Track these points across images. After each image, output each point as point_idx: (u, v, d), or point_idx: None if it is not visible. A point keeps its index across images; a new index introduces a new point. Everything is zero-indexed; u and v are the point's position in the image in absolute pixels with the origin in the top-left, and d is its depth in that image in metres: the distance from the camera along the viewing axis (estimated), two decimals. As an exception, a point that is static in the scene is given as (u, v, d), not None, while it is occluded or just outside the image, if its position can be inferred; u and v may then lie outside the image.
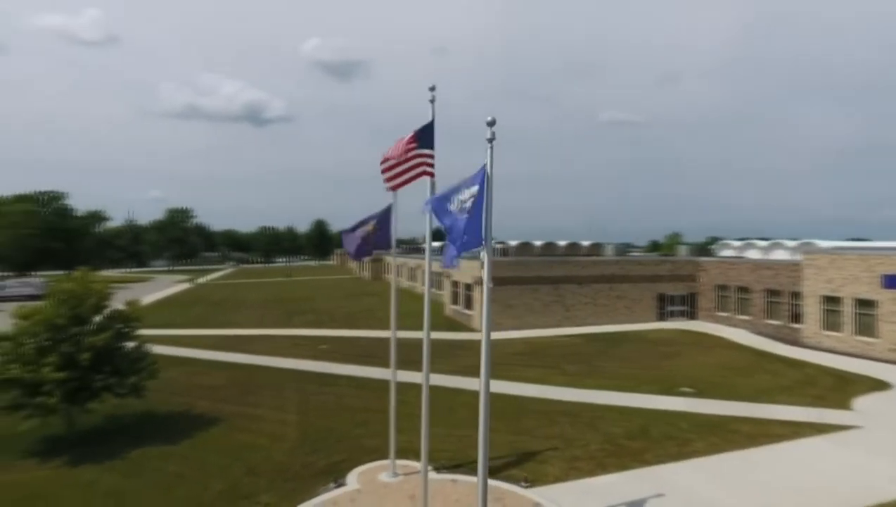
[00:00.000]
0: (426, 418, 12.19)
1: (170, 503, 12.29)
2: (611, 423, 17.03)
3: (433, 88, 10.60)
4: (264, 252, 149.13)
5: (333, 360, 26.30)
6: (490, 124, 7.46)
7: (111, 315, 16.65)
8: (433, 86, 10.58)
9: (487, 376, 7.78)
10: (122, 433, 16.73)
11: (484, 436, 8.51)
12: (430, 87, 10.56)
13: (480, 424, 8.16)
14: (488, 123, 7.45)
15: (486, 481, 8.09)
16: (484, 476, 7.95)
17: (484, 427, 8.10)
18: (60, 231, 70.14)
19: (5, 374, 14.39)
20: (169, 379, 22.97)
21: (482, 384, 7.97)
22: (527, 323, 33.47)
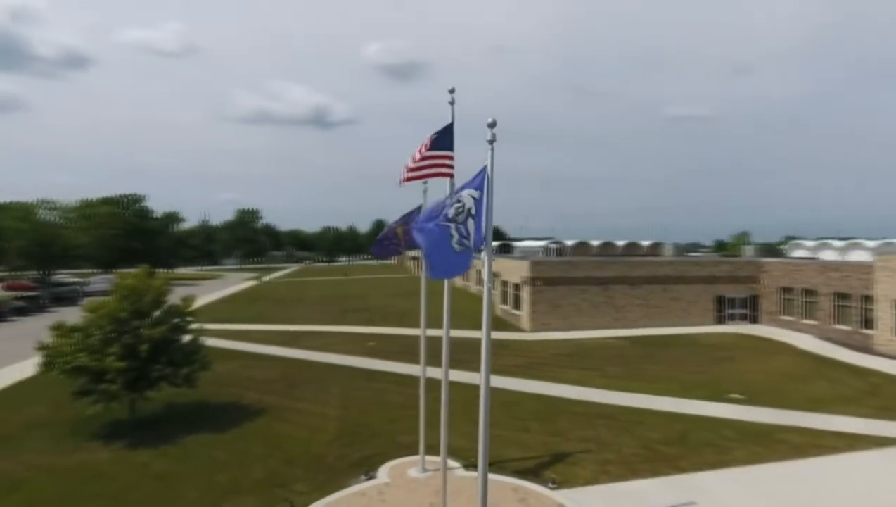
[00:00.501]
0: (445, 416, 12.40)
1: (211, 488, 13.10)
2: (649, 428, 16.61)
3: (453, 91, 10.77)
4: (327, 251, 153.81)
5: (379, 357, 26.95)
6: (491, 126, 7.57)
7: (168, 310, 17.87)
8: (452, 88, 10.76)
9: (488, 373, 7.88)
10: (177, 421, 17.90)
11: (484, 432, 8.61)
12: (449, 89, 10.75)
13: (481, 421, 8.27)
14: (489, 125, 7.56)
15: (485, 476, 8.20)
16: (484, 472, 8.07)
17: (484, 424, 8.20)
18: (140, 231, 75.30)
19: (74, 362, 15.77)
20: (224, 371, 24.34)
21: (482, 381, 8.09)
22: (575, 324, 32.96)
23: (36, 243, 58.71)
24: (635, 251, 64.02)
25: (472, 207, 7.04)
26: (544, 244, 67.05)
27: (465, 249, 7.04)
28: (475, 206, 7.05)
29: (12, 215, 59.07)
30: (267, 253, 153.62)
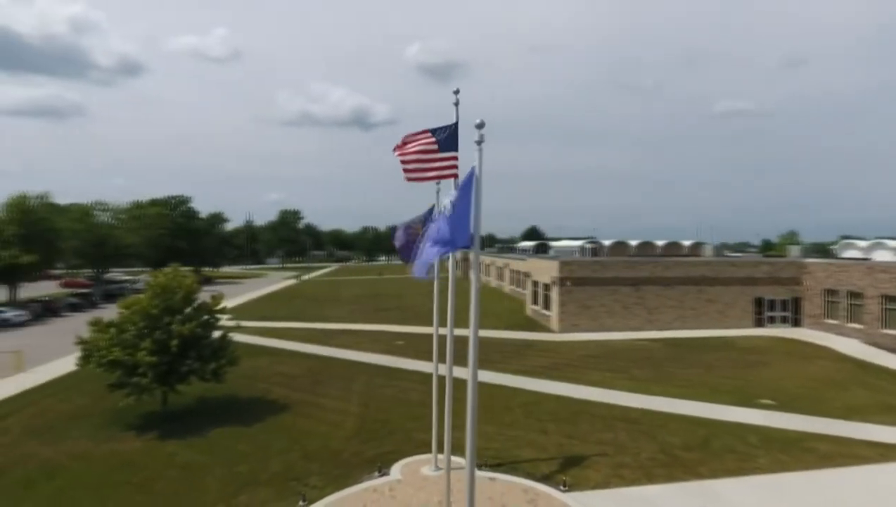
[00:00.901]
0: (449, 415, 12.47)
1: (231, 479, 13.60)
2: (670, 432, 16.26)
3: (457, 92, 10.84)
4: (366, 251, 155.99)
5: (405, 355, 27.24)
6: (479, 127, 7.63)
7: (198, 307, 18.60)
8: (457, 89, 10.83)
9: (475, 369, 7.95)
10: (206, 414, 18.61)
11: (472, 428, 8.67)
12: (454, 90, 10.82)
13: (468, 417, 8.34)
14: (477, 126, 7.62)
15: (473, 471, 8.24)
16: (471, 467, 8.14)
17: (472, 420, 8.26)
18: (186, 231, 78.20)
19: (109, 356, 16.63)
20: (256, 367, 25.16)
21: (470, 377, 8.17)
22: (605, 325, 32.43)
23: (90, 243, 61.85)
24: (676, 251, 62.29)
25: (447, 207, 7.15)
26: (580, 244, 66.04)
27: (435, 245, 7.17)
28: (450, 206, 7.14)
29: (69, 217, 62.35)
30: (308, 252, 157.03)
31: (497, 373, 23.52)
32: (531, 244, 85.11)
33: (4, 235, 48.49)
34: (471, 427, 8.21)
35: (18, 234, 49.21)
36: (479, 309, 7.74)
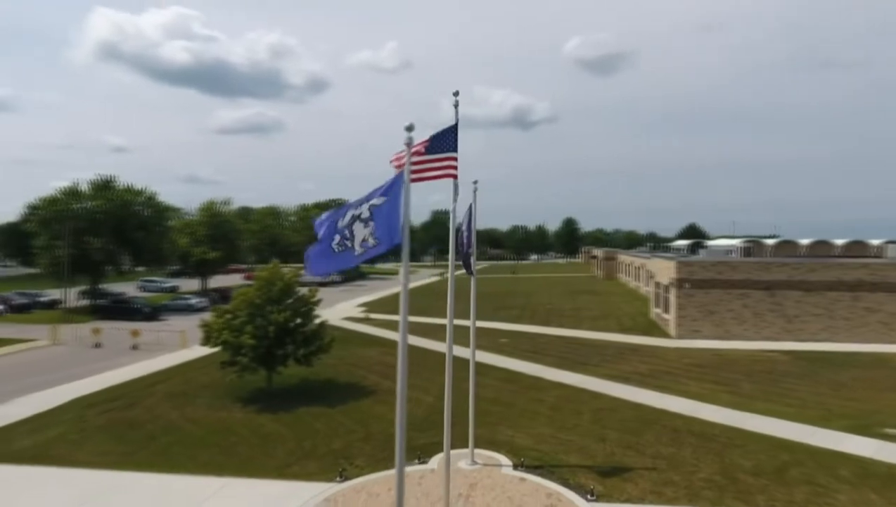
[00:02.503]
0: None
1: (294, 450, 15.35)
2: (746, 454, 14.55)
3: (457, 93, 11.11)
4: (515, 249, 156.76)
5: (501, 352, 27.51)
6: (408, 129, 7.96)
7: (295, 298, 21.01)
8: (457, 91, 11.10)
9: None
10: (303, 394, 20.90)
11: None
12: (454, 91, 11.11)
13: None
14: (406, 128, 7.96)
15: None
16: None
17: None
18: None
19: (220, 338, 19.64)
20: (363, 356, 27.43)
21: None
22: (731, 333, 29.21)
23: (264, 242, 71.60)
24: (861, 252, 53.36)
25: (365, 212, 7.56)
26: (737, 243, 59.53)
27: (344, 249, 7.60)
28: (373, 211, 7.55)
29: (247, 219, 72.86)
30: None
31: (585, 376, 22.79)
32: (685, 243, 78.77)
33: (197, 235, 58.29)
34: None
35: (207, 234, 58.81)
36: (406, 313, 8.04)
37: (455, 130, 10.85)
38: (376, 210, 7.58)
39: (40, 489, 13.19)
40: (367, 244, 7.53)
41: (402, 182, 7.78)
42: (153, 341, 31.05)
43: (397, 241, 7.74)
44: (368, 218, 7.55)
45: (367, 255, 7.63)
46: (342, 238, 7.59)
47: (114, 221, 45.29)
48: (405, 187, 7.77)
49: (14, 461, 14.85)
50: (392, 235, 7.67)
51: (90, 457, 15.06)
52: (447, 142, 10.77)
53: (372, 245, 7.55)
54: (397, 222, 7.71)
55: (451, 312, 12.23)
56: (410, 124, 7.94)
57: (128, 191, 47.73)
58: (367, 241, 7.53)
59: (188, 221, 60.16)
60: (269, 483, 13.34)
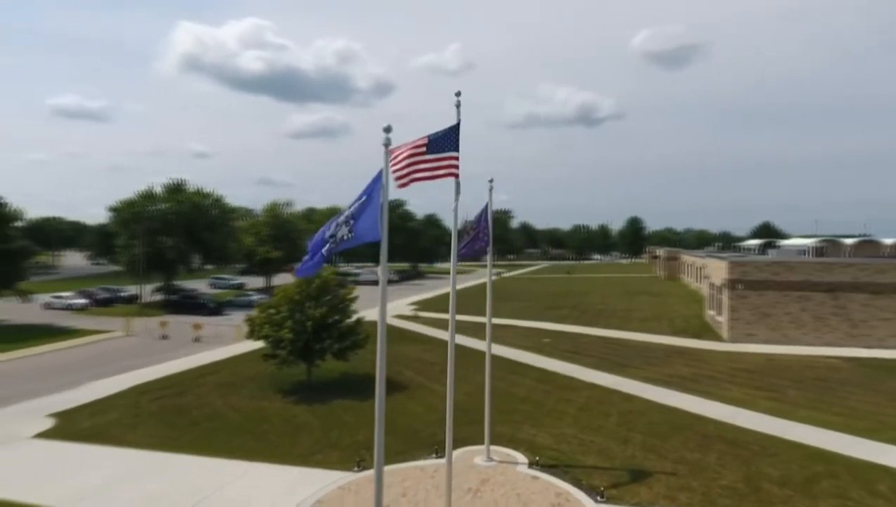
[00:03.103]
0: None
1: (320, 439, 16.04)
2: (776, 463, 13.86)
3: (458, 94, 11.29)
4: (577, 249, 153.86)
5: (541, 352, 27.33)
6: (386, 130, 8.25)
7: (332, 295, 21.82)
8: (458, 91, 11.28)
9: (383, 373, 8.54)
10: (339, 388, 21.69)
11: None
12: (455, 92, 11.30)
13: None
14: (384, 130, 8.24)
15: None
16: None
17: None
18: (403, 231, 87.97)
19: (262, 332, 20.74)
20: (404, 353, 27.99)
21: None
22: (789, 337, 27.54)
23: (324, 241, 74.14)
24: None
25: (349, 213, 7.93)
26: (811, 243, 55.78)
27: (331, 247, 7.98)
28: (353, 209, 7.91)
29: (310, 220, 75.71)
30: (523, 251, 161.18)
31: (622, 378, 22.31)
32: (755, 243, 74.69)
33: (261, 235, 61.29)
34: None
35: (271, 234, 61.70)
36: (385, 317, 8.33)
37: (457, 130, 11.00)
38: (355, 208, 7.95)
39: (93, 465, 14.50)
40: (342, 239, 7.92)
41: (381, 182, 8.11)
42: (213, 334, 33.03)
43: (375, 237, 8.07)
44: (351, 215, 7.94)
45: (339, 248, 8.00)
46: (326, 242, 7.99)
47: (184, 221, 48.41)
48: (384, 188, 8.10)
49: (74, 439, 16.38)
50: (369, 231, 8.00)
51: (139, 438, 16.37)
52: (448, 142, 10.93)
53: (348, 238, 7.92)
54: (374, 219, 8.04)
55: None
56: (388, 126, 8.24)
57: (197, 194, 50.88)
58: (344, 235, 7.91)
59: (253, 221, 63.28)
60: (290, 469, 14.04)
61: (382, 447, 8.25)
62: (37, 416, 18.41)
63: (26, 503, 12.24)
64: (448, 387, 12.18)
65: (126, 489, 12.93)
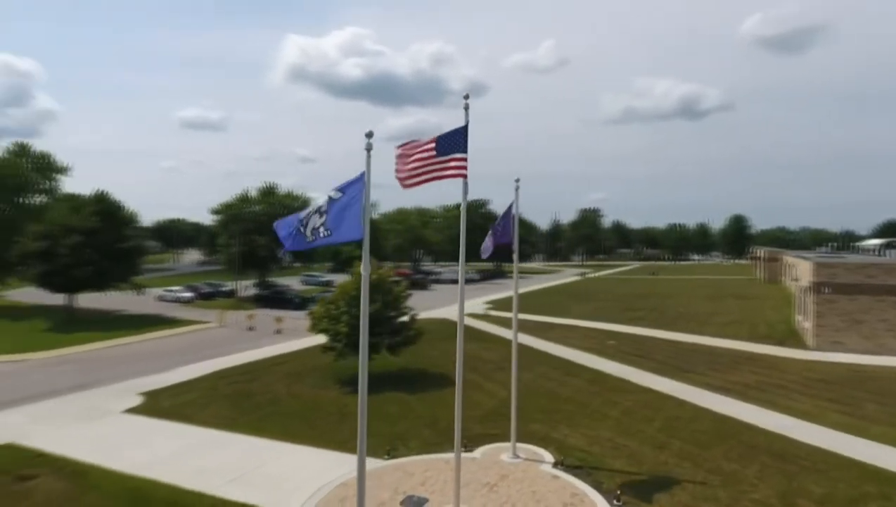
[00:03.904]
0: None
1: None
2: (822, 480, 12.85)
3: (467, 96, 11.59)
4: (673, 249, 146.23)
5: (600, 354, 26.74)
6: (368, 136, 8.77)
7: (387, 293, 22.82)
8: (467, 94, 11.57)
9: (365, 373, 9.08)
10: (394, 381, 22.55)
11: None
12: (464, 95, 11.59)
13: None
14: (366, 135, 8.77)
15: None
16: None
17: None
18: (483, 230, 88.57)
19: (320, 325, 22.16)
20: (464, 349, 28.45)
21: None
22: (886, 347, 24.78)
23: (408, 241, 76.49)
24: None
25: (324, 204, 8.54)
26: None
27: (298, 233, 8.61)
28: (329, 204, 8.52)
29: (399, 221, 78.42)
30: (614, 250, 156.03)
31: (679, 383, 21.41)
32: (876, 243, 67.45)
33: (346, 235, 64.50)
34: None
35: (355, 234, 64.72)
36: (367, 313, 8.87)
37: (465, 131, 11.31)
38: (332, 204, 8.58)
39: (165, 439, 16.40)
40: (318, 233, 8.55)
41: (363, 183, 8.70)
42: (293, 327, 35.44)
43: (356, 236, 8.67)
44: (325, 211, 8.58)
45: (317, 243, 8.64)
46: (300, 224, 8.68)
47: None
48: (366, 188, 8.69)
49: (155, 415, 18.53)
50: (349, 230, 8.61)
51: (208, 418, 18.20)
52: (457, 143, 11.28)
53: (323, 235, 8.55)
54: (356, 219, 8.64)
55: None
56: (370, 132, 8.81)
57: (287, 196, 54.55)
58: (319, 230, 8.55)
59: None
60: (328, 453, 15.06)
61: (364, 440, 8.83)
62: (129, 394, 20.96)
63: (103, 466, 14.17)
64: (457, 387, 12.56)
65: (184, 461, 14.55)
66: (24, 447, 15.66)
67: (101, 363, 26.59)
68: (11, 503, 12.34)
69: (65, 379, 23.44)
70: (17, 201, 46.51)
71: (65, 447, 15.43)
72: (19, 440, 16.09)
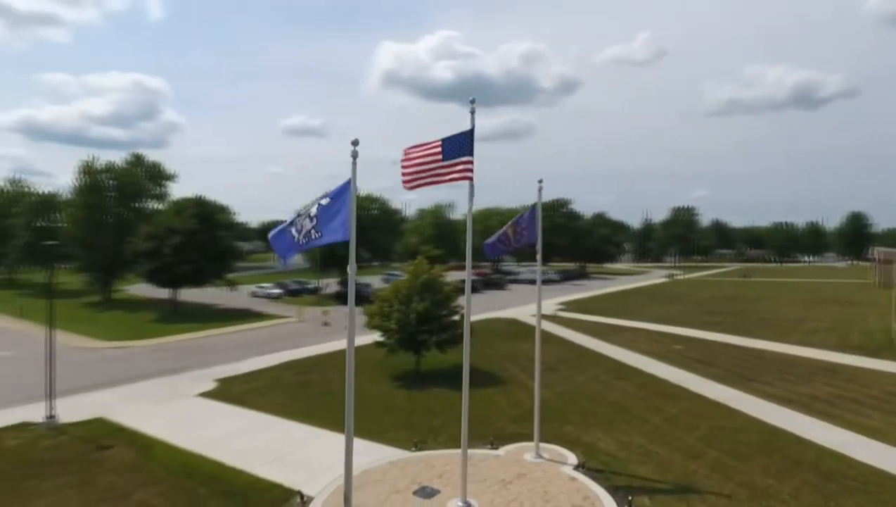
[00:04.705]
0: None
1: (402, 420, 17.70)
2: (865, 502, 11.84)
3: (473, 101, 11.86)
4: (778, 250, 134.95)
5: (662, 359, 25.80)
6: (354, 144, 9.35)
7: (435, 291, 23.48)
8: (473, 98, 11.85)
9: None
10: (445, 377, 23.08)
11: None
12: (470, 99, 11.86)
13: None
14: (352, 143, 9.34)
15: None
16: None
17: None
18: (566, 230, 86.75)
19: (373, 322, 23.26)
20: (518, 350, 28.63)
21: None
22: None
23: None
24: None
25: (314, 209, 9.24)
26: None
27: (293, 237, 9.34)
28: (319, 210, 9.21)
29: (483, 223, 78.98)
30: (712, 251, 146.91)
31: (738, 392, 20.28)
32: None
33: (424, 235, 66.12)
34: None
35: (433, 234, 66.23)
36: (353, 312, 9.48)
37: (471, 135, 11.62)
38: (321, 209, 9.31)
39: (225, 420, 18.09)
40: (310, 235, 9.31)
41: (349, 189, 9.36)
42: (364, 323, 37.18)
43: (344, 238, 9.34)
44: (315, 215, 9.33)
45: (310, 244, 9.39)
46: (294, 230, 9.48)
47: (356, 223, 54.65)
48: (352, 193, 9.34)
49: (223, 399, 20.41)
50: (336, 231, 9.29)
51: (265, 404, 19.79)
52: (463, 146, 11.62)
53: (315, 237, 9.29)
54: (344, 221, 9.31)
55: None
56: (355, 140, 9.42)
57: (367, 198, 56.93)
58: (311, 233, 9.30)
59: (418, 222, 68.49)
60: (360, 442, 15.58)
61: (352, 433, 9.45)
62: (207, 380, 23.18)
63: (167, 441, 15.98)
64: (464, 386, 12.91)
65: (234, 441, 16.03)
66: (109, 421, 17.97)
67: (192, 352, 29.49)
68: (88, 468, 14.30)
69: (159, 365, 26.32)
70: (133, 206, 52.29)
71: (141, 423, 17.53)
72: (108, 415, 18.46)
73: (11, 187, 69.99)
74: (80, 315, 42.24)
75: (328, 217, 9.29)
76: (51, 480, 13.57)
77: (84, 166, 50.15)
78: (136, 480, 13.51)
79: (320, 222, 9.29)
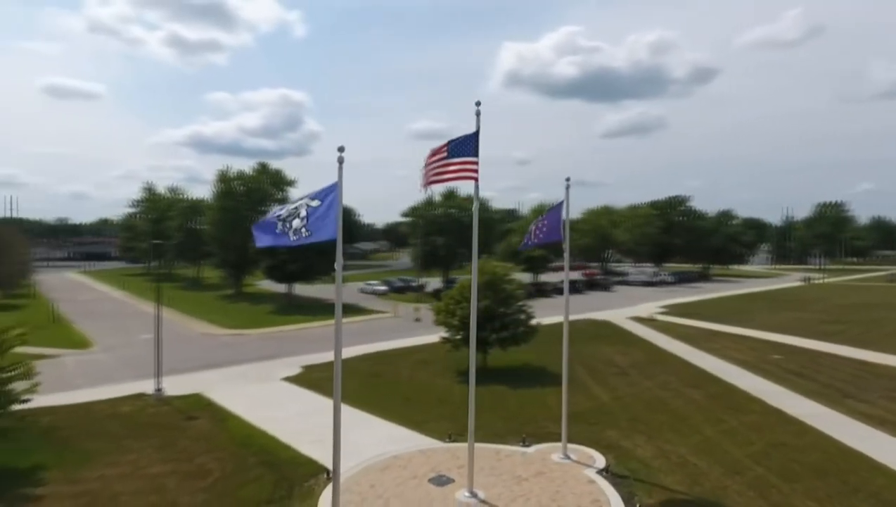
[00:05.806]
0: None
1: (446, 413, 18.39)
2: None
3: (479, 103, 12.17)
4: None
5: (754, 369, 23.92)
6: (340, 150, 10.13)
7: (497, 290, 23.81)
8: (478, 101, 12.16)
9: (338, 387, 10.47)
10: (508, 376, 23.41)
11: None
12: (476, 102, 12.19)
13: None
14: (338, 149, 10.13)
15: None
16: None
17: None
18: (685, 229, 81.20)
19: (439, 319, 24.19)
20: (596, 352, 28.00)
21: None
22: None
23: (596, 241, 74.73)
24: None
25: (303, 210, 10.17)
26: None
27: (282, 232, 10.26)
28: (308, 210, 10.13)
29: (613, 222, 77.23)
30: (871, 252, 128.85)
31: (826, 408, 18.45)
32: None
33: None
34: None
35: (537, 233, 65.74)
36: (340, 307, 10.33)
37: (476, 137, 12.07)
38: (311, 210, 10.29)
39: (296, 402, 20.09)
40: (300, 234, 10.30)
41: (336, 191, 10.27)
42: (451, 320, 38.31)
43: (332, 237, 10.24)
44: (304, 216, 10.32)
45: (300, 241, 10.34)
46: (282, 224, 10.49)
47: (455, 224, 56.15)
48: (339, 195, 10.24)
49: (301, 384, 22.56)
50: (325, 230, 10.21)
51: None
52: (468, 147, 12.10)
53: (305, 235, 10.27)
54: (333, 221, 10.23)
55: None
56: (341, 146, 10.25)
57: (466, 199, 58.20)
58: (301, 232, 10.29)
59: (522, 222, 68.37)
60: (402, 430, 16.95)
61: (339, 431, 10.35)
62: (294, 366, 25.65)
63: (241, 417, 18.19)
64: (470, 385, 13.31)
65: (294, 421, 17.83)
66: (204, 396, 20.75)
67: (292, 340, 32.57)
68: (174, 434, 16.80)
69: (261, 351, 29.49)
70: (260, 209, 58.44)
71: (226, 400, 20.06)
72: (204, 392, 21.29)
73: (170, 194, 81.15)
74: (213, 306, 48.17)
75: (317, 218, 10.27)
76: (143, 440, 16.19)
77: (220, 175, 56.97)
78: (204, 447, 15.68)
79: (310, 222, 10.30)
